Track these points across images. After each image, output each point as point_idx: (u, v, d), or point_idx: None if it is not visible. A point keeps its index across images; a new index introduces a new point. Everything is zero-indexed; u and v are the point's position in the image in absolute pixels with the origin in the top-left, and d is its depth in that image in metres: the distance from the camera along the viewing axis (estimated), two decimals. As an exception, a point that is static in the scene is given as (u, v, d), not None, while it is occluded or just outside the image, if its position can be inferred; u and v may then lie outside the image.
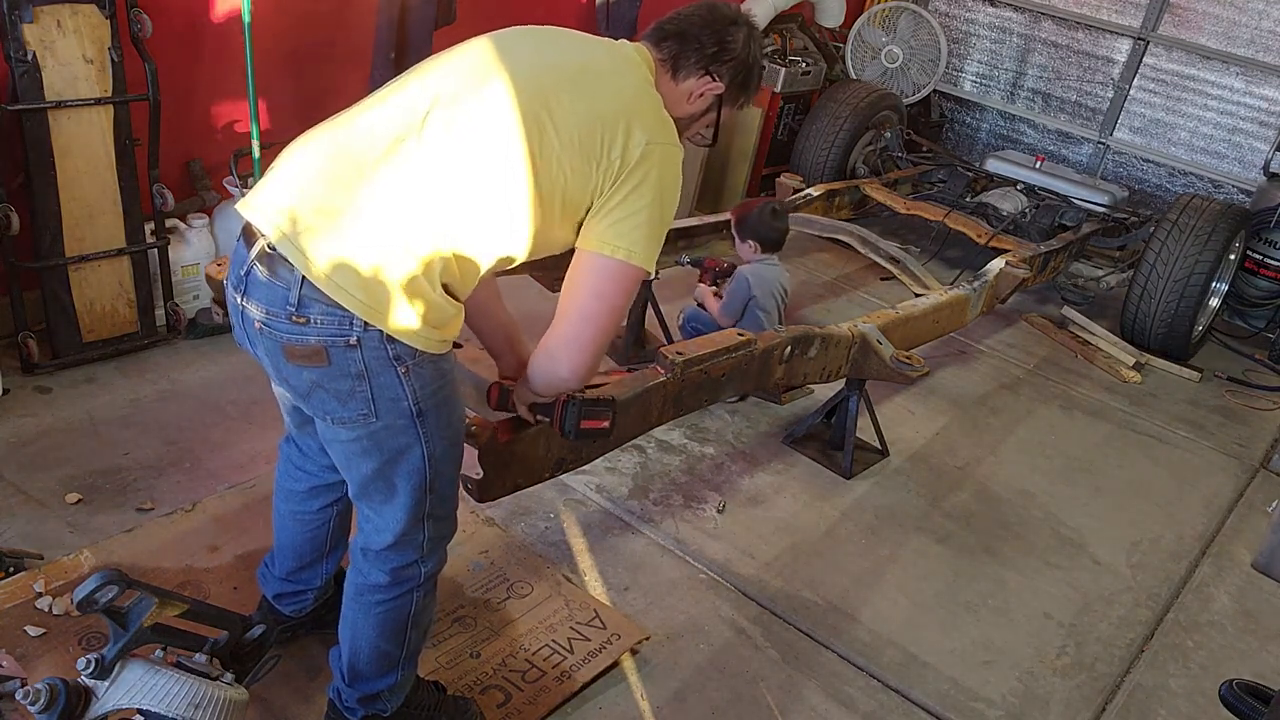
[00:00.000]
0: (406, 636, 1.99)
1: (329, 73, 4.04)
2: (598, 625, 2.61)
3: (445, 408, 1.81)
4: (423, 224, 1.66)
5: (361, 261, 1.62)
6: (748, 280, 3.70)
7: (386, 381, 1.70)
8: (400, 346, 1.67)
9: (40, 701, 1.61)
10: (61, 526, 2.67)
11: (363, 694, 2.04)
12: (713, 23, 1.93)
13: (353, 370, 1.68)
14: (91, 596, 1.61)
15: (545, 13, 4.80)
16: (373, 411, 1.72)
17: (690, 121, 1.98)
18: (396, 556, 1.90)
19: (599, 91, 1.77)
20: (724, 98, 1.97)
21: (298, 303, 1.64)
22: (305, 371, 1.69)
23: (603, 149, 1.72)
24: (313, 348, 1.66)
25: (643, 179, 1.74)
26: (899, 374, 3.33)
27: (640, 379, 2.51)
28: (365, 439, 1.76)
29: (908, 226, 5.82)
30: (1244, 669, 2.96)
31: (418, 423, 1.76)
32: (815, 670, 2.66)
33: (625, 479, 3.29)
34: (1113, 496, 3.75)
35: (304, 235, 1.63)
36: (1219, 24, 6.12)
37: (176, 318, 3.59)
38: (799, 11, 6.38)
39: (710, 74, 1.92)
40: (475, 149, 1.68)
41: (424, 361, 1.72)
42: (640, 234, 1.76)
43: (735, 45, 1.92)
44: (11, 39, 3.00)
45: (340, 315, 1.63)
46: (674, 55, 1.91)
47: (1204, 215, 4.80)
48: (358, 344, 1.65)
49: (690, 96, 1.94)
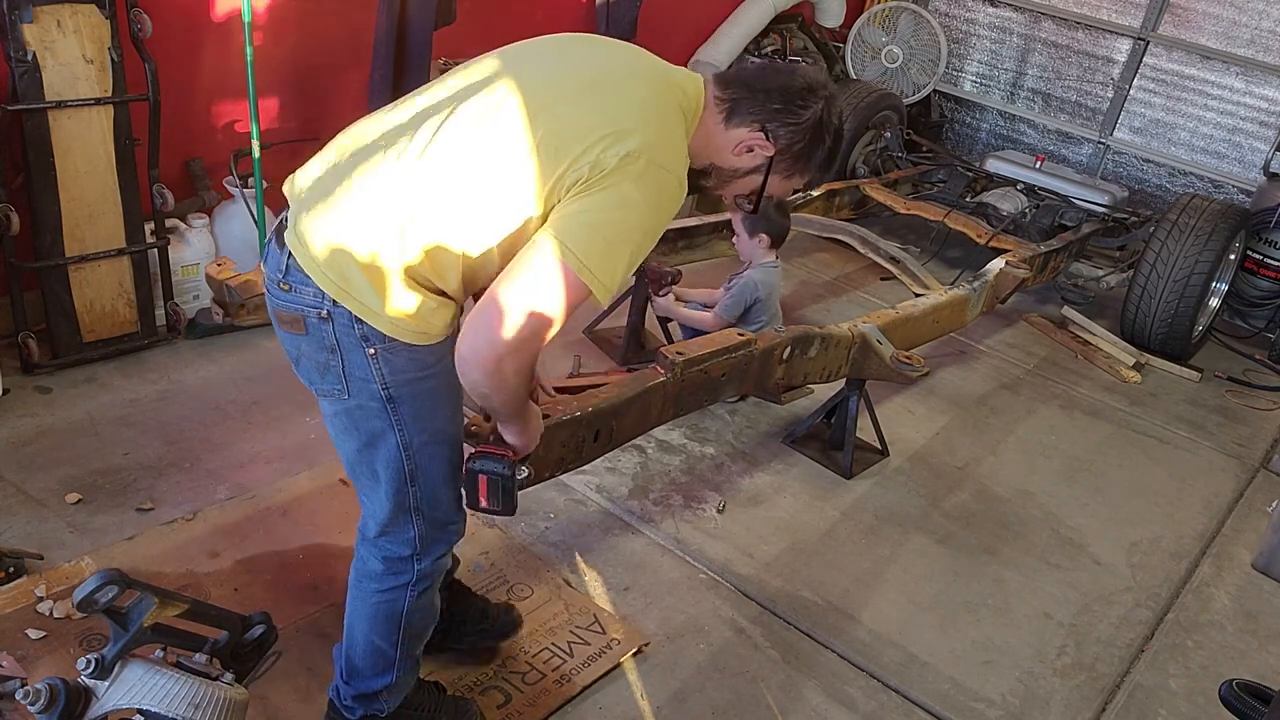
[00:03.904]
0: (399, 636, 1.99)
1: (329, 73, 4.04)
2: (597, 630, 2.61)
3: (424, 400, 1.79)
4: (398, 211, 1.67)
5: (337, 241, 1.69)
6: (756, 283, 3.68)
7: (356, 360, 1.74)
8: (367, 328, 1.70)
9: (40, 701, 1.61)
10: (61, 526, 2.67)
11: (359, 692, 2.05)
12: (789, 84, 1.81)
13: (326, 343, 1.74)
14: (92, 596, 1.61)
15: (545, 13, 4.80)
16: (345, 388, 1.77)
17: (731, 177, 1.86)
18: (389, 545, 1.93)
19: (603, 99, 1.69)
20: (774, 163, 1.82)
21: (284, 270, 1.73)
22: (290, 338, 1.79)
23: (582, 151, 1.62)
24: (293, 315, 1.74)
25: (613, 185, 1.62)
26: (899, 374, 3.33)
27: (640, 379, 2.52)
28: (343, 415, 1.82)
29: (908, 226, 5.81)
30: (1244, 669, 2.96)
31: (389, 408, 1.77)
32: (815, 670, 2.66)
33: (625, 479, 3.29)
34: (1113, 496, 3.75)
35: (301, 211, 1.74)
36: (1219, 24, 6.12)
37: (176, 318, 3.60)
38: (799, 11, 6.39)
39: (766, 131, 1.79)
40: (457, 143, 1.68)
41: (396, 349, 1.72)
42: (593, 243, 1.61)
43: (805, 112, 1.79)
44: (11, 39, 3.01)
45: (314, 288, 1.71)
46: (734, 99, 1.80)
47: (1204, 215, 4.79)
48: (329, 318, 1.71)
49: (736, 147, 1.81)
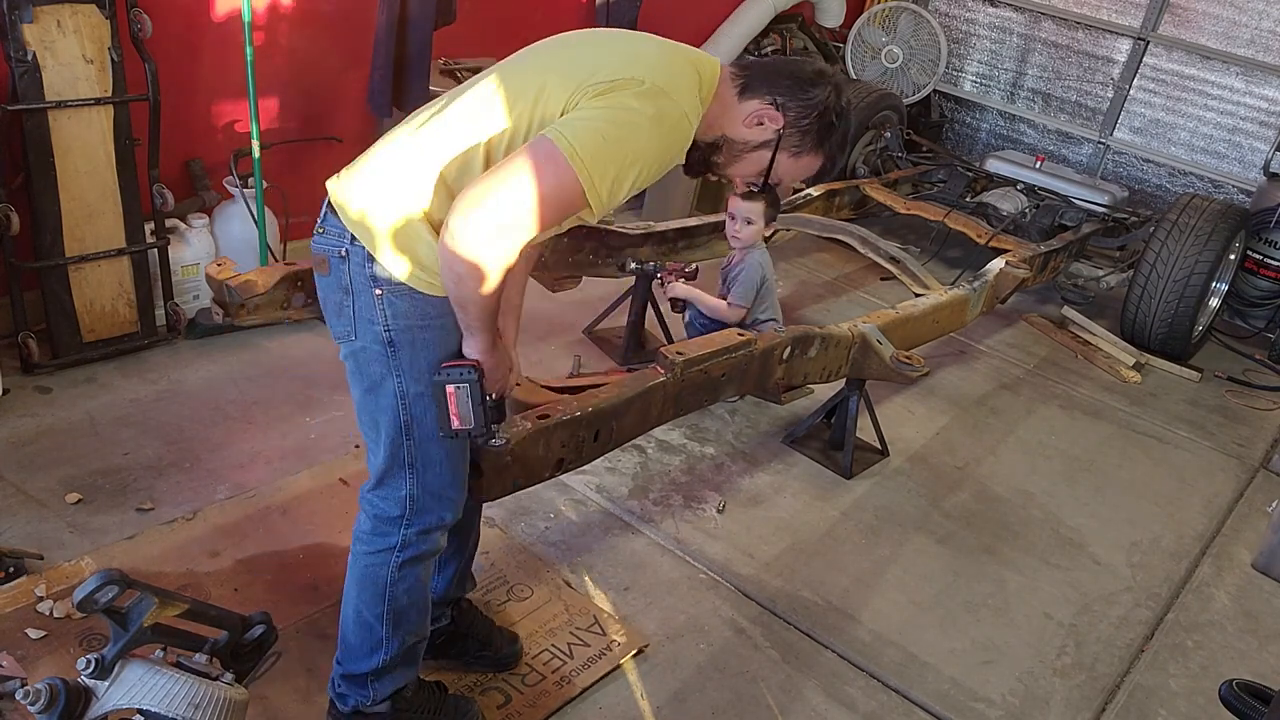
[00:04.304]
0: (384, 610, 2.00)
1: (329, 73, 4.04)
2: (597, 631, 2.61)
3: (421, 350, 1.84)
4: (419, 159, 1.78)
5: (364, 186, 1.81)
6: (760, 264, 3.70)
7: (365, 302, 1.82)
8: (377, 267, 1.78)
9: (40, 701, 1.61)
10: (61, 526, 2.67)
11: (348, 672, 2.07)
12: (800, 68, 1.90)
13: (342, 283, 1.83)
14: (92, 596, 1.61)
15: (545, 13, 4.80)
16: (354, 329, 1.85)
17: (742, 151, 1.91)
18: (380, 503, 1.97)
19: (614, 49, 1.80)
20: (783, 138, 1.88)
21: (323, 217, 1.87)
22: (321, 281, 1.89)
23: (589, 77, 1.71)
24: (321, 256, 1.86)
25: (616, 97, 1.68)
26: (899, 374, 3.33)
27: (640, 379, 2.52)
28: (351, 359, 1.90)
29: (908, 226, 5.81)
30: (1244, 669, 2.96)
31: (389, 351, 1.83)
32: (815, 670, 2.66)
33: (625, 479, 3.29)
34: (1113, 496, 3.75)
35: (346, 172, 1.88)
36: (1219, 24, 6.12)
37: (176, 318, 3.60)
38: (799, 11, 6.39)
39: (776, 104, 1.87)
40: (474, 96, 1.80)
41: (400, 292, 1.79)
42: (589, 136, 1.65)
43: (813, 90, 1.87)
44: (11, 39, 3.00)
45: (339, 229, 1.81)
46: (749, 76, 1.89)
47: (1204, 215, 4.80)
48: (346, 256, 1.81)
49: (748, 118, 1.88)
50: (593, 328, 4.20)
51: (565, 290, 3.89)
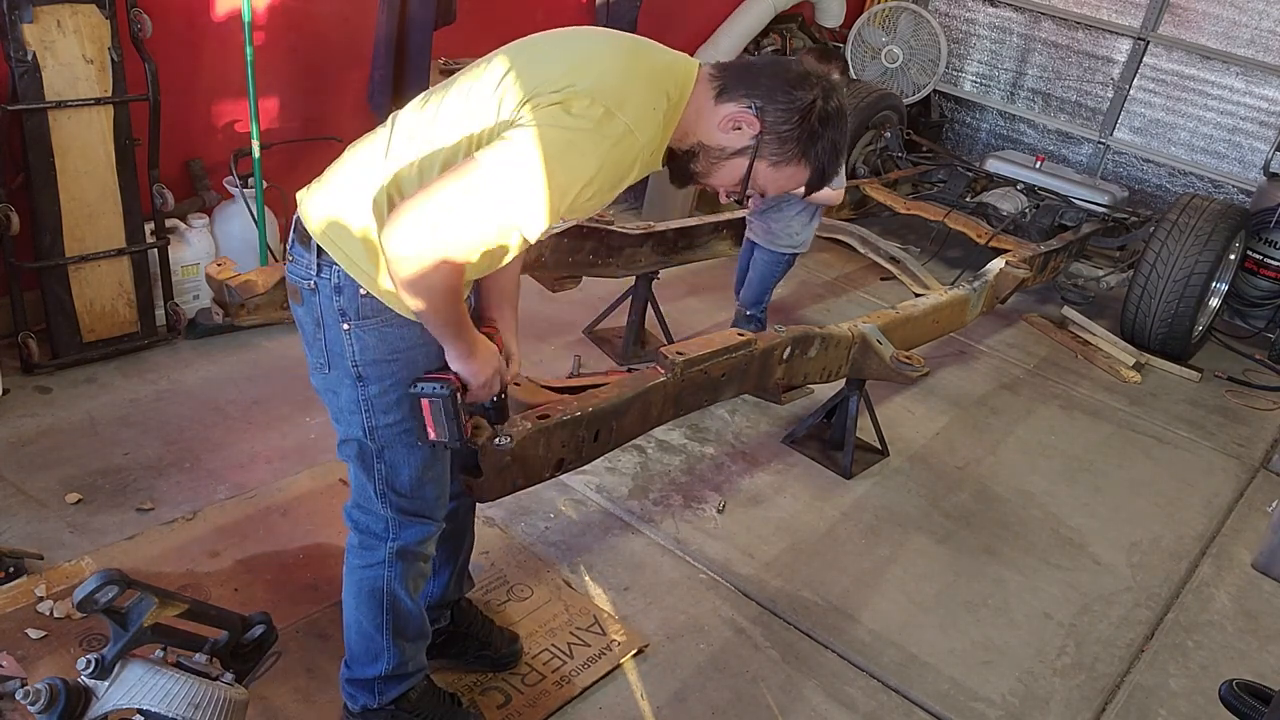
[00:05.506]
0: (383, 621, 2.02)
1: (329, 72, 4.04)
2: (597, 631, 2.61)
3: (390, 382, 1.81)
4: (380, 172, 1.73)
5: (327, 207, 1.77)
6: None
7: (334, 336, 1.80)
8: (345, 300, 1.75)
9: (40, 701, 1.61)
10: (61, 526, 2.67)
11: (353, 677, 2.10)
12: (786, 69, 1.74)
13: (313, 315, 1.81)
14: (92, 596, 1.61)
15: (545, 13, 4.80)
16: (327, 362, 1.84)
17: (718, 157, 1.75)
18: (362, 518, 1.99)
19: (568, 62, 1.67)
20: (761, 144, 1.72)
21: (290, 243, 1.84)
22: (295, 310, 1.87)
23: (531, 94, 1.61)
24: (293, 285, 1.82)
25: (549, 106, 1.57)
26: (899, 374, 3.33)
27: (640, 379, 2.52)
28: (325, 392, 1.89)
29: (908, 226, 5.81)
30: (1244, 669, 2.96)
31: (359, 387, 1.82)
32: (815, 670, 2.66)
33: (625, 479, 3.29)
34: (1113, 496, 3.75)
35: (304, 190, 1.84)
36: (1219, 24, 6.12)
37: (176, 318, 3.60)
38: (799, 11, 6.39)
39: (754, 108, 1.70)
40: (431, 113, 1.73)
41: (368, 327, 1.76)
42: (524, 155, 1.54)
43: (796, 93, 1.70)
44: (11, 39, 3.00)
45: (306, 260, 1.78)
46: (728, 78, 1.73)
47: (1204, 215, 4.80)
48: (315, 289, 1.78)
49: (723, 122, 1.72)
50: (593, 328, 4.20)
51: (565, 290, 3.89)
